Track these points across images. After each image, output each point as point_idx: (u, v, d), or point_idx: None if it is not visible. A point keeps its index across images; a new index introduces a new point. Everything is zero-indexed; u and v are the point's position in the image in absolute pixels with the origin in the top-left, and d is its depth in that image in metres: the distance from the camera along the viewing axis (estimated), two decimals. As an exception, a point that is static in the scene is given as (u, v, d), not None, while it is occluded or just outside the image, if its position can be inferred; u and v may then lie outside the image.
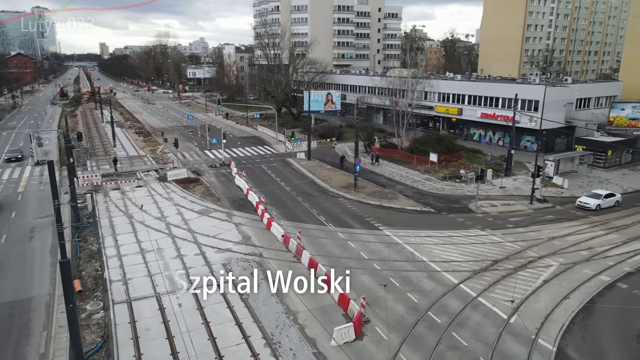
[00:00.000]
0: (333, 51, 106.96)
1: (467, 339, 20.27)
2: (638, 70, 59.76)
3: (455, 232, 32.68)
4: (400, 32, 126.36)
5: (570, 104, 55.75)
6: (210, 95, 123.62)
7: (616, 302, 23.55)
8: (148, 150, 61.10)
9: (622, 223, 34.65)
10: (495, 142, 60.83)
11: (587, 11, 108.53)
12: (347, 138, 67.01)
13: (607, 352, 19.62)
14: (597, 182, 45.50)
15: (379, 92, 76.38)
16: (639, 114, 53.72)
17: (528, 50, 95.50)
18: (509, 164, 47.35)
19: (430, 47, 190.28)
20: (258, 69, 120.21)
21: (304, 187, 43.85)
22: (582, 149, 50.82)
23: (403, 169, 49.98)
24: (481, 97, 60.14)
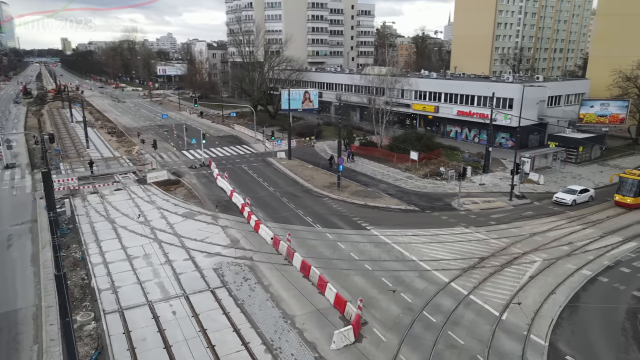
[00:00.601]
0: (307, 48, 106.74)
1: (463, 337, 20.76)
2: (604, 69, 61.95)
3: (441, 230, 33.30)
4: (373, 30, 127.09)
5: (543, 102, 57.48)
6: (182, 93, 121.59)
7: (599, 296, 24.55)
8: (123, 152, 59.61)
9: (597, 217, 36.06)
10: (471, 139, 62.14)
11: (552, 10, 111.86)
12: (326, 136, 67.22)
13: (596, 345, 20.44)
14: (570, 177, 47.13)
15: (356, 90, 76.93)
16: (606, 111, 55.87)
17: (498, 48, 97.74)
18: (487, 161, 48.48)
19: (401, 44, 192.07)
20: (232, 67, 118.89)
21: (287, 188, 43.75)
22: (554, 146, 52.54)
23: (384, 168, 50.49)
24: (457, 95, 61.27)
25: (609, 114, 55.76)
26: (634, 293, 24.83)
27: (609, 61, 61.69)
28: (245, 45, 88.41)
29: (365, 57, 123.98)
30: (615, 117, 55.82)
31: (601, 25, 66.47)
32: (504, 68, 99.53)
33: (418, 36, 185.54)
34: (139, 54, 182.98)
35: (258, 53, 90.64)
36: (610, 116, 55.77)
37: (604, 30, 65.34)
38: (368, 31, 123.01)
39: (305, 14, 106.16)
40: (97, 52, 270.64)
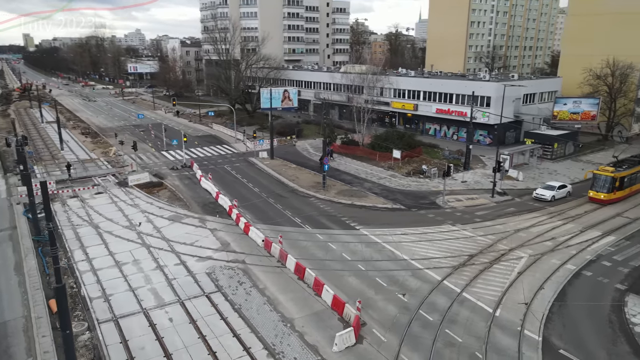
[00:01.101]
0: (284, 46, 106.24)
1: (461, 335, 21.25)
2: (575, 67, 64.03)
3: (429, 228, 33.87)
4: (348, 27, 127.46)
5: (518, 100, 58.98)
6: (155, 92, 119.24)
7: (585, 290, 25.50)
8: (100, 153, 58.12)
9: (575, 213, 37.34)
10: (450, 137, 63.26)
11: (522, 9, 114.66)
12: (307, 135, 67.22)
13: (586, 338, 21.23)
14: (546, 173, 48.61)
15: (335, 89, 77.19)
16: (579, 108, 57.80)
17: (472, 46, 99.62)
18: (468, 158, 49.46)
19: (375, 41, 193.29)
20: (206, 65, 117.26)
21: (272, 188, 43.60)
22: (531, 142, 54.03)
23: (367, 166, 50.88)
24: (436, 93, 62.21)
25: (581, 111, 57.71)
26: (617, 286, 25.89)
27: (580, 60, 63.79)
28: (222, 42, 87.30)
29: (341, 54, 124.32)
30: (587, 114, 57.80)
31: (571, 25, 68.60)
32: (478, 66, 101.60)
33: (391, 33, 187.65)
34: (109, 51, 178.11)
35: (235, 51, 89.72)
36: (582, 113, 57.73)
37: (574, 30, 67.46)
38: (343, 29, 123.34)
39: (281, 12, 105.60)
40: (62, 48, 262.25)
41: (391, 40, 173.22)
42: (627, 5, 61.82)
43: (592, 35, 64.22)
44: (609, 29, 62.67)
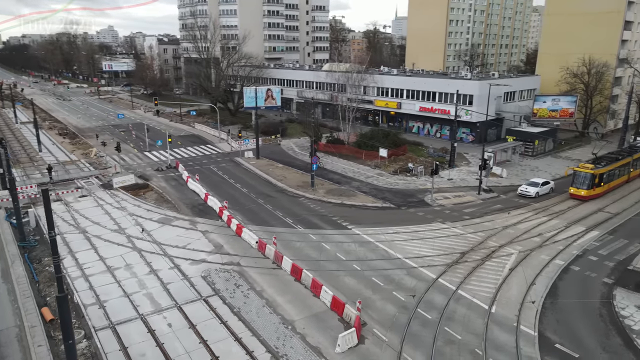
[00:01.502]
0: (264, 44, 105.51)
1: (460, 332, 21.63)
2: (553, 65, 65.63)
3: (420, 226, 34.28)
4: (327, 25, 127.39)
5: (500, 98, 60.08)
6: (132, 90, 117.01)
7: (575, 284, 26.26)
8: (80, 154, 56.77)
9: (559, 208, 38.34)
10: (433, 135, 64.05)
11: (499, 7, 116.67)
12: (291, 134, 67.06)
13: (579, 332, 21.88)
14: (528, 170, 49.74)
15: (318, 87, 77.21)
16: (557, 105, 59.27)
17: (451, 44, 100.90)
18: (452, 156, 50.19)
19: (353, 39, 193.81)
20: (185, 63, 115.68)
21: (261, 188, 43.41)
22: (512, 139, 55.18)
23: (354, 165, 51.11)
24: (419, 91, 62.85)
25: (559, 108, 59.20)
26: (604, 280, 26.74)
27: (557, 58, 65.41)
28: (202, 40, 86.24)
29: (321, 52, 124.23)
30: (565, 111, 59.34)
31: (549, 25, 70.14)
32: (457, 64, 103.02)
33: (370, 30, 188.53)
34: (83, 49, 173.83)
35: (215, 49, 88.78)
36: (560, 111, 59.24)
37: (551, 29, 69.00)
38: (323, 26, 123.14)
39: (261, 9, 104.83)
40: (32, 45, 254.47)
41: (370, 37, 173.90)
42: (599, 5, 63.54)
43: (568, 34, 65.79)
44: (584, 28, 64.32)
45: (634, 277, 26.94)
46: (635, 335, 21.48)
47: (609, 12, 63.16)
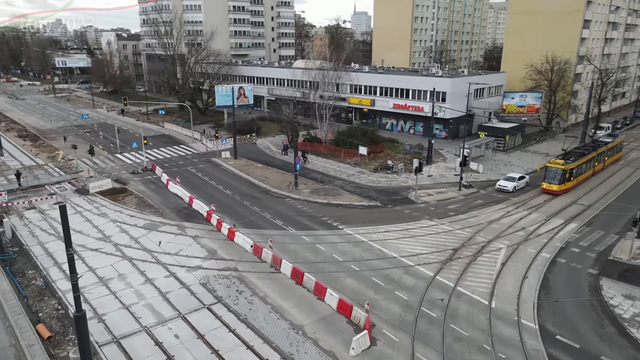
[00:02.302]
0: (230, 40, 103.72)
1: (465, 329, 22.27)
2: (517, 62, 68.02)
3: (409, 224, 34.90)
4: (293, 21, 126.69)
5: (470, 94, 61.69)
6: (91, 88, 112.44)
7: (563, 276, 27.53)
8: (46, 158, 54.12)
9: (537, 202, 39.97)
10: (407, 131, 65.13)
11: (460, 5, 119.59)
12: (266, 133, 66.48)
13: (576, 322, 22.99)
14: (502, 164, 51.51)
15: (290, 84, 76.82)
16: (524, 102, 61.59)
17: (417, 41, 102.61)
18: (430, 152, 51.26)
19: (316, 34, 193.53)
20: (148, 59, 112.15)
21: (244, 190, 42.89)
22: (484, 135, 56.89)
23: (334, 163, 51.28)
24: (393, 88, 63.66)
25: (526, 104, 61.55)
26: (590, 271, 28.18)
27: (521, 55, 67.79)
28: (168, 37, 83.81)
29: (287, 48, 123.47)
30: (532, 107, 61.76)
31: (512, 23, 72.61)
32: (423, 60, 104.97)
33: (332, 26, 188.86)
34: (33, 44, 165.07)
35: (181, 45, 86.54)
36: (527, 106, 61.60)
37: (515, 27, 71.43)
38: (288, 22, 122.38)
39: (226, 5, 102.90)
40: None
41: (333, 33, 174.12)
42: (560, 4, 66.29)
43: (531, 33, 68.26)
44: (546, 26, 66.92)
45: (616, 267, 28.52)
46: (627, 323, 22.80)
47: (569, 11, 66.01)
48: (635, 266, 28.70)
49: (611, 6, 73.72)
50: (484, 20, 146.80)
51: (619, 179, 47.13)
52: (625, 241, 31.91)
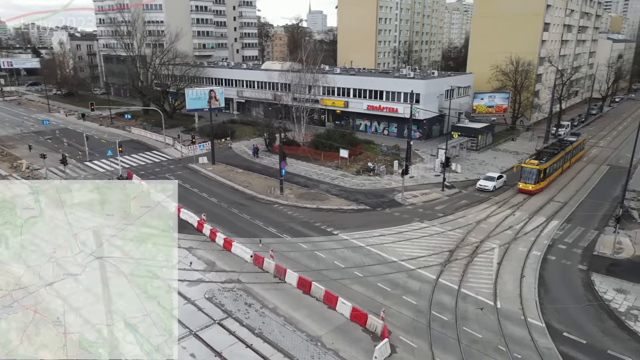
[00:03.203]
0: (193, 41, 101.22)
1: (478, 331, 22.85)
2: (483, 63, 70.36)
3: (401, 227, 35.36)
4: (255, 21, 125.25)
5: (442, 95, 63.32)
6: (45, 91, 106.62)
7: (557, 273, 28.76)
8: (7, 168, 50.92)
9: (517, 200, 41.51)
10: (381, 132, 65.93)
11: (420, 6, 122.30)
12: (240, 136, 65.47)
13: (578, 318, 24.10)
14: (477, 163, 53.13)
15: (260, 86, 76.02)
16: (493, 102, 63.80)
17: (381, 41, 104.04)
18: (409, 154, 52.08)
19: (275, 34, 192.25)
20: (106, 61, 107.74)
21: (230, 197, 42.06)
22: (457, 135, 58.46)
23: (314, 167, 51.17)
24: (367, 90, 64.24)
25: (495, 104, 63.76)
26: (579, 267, 29.59)
27: (487, 56, 70.14)
28: (128, 37, 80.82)
29: (250, 49, 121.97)
30: (500, 107, 64.07)
31: (477, 25, 75.04)
32: (387, 60, 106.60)
33: (293, 25, 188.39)
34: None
35: (143, 46, 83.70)
36: (496, 107, 63.82)
37: (480, 29, 73.90)
38: (251, 22, 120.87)
39: (189, 4, 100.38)
40: None
41: (294, 33, 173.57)
42: (522, 8, 69.12)
43: (495, 35, 70.84)
44: (509, 29, 69.62)
45: (602, 262, 30.10)
46: (624, 317, 24.13)
47: (530, 15, 68.93)
48: (619, 260, 30.41)
49: (566, 10, 77.59)
50: (440, 21, 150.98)
51: (586, 175, 49.70)
52: (605, 236, 33.79)
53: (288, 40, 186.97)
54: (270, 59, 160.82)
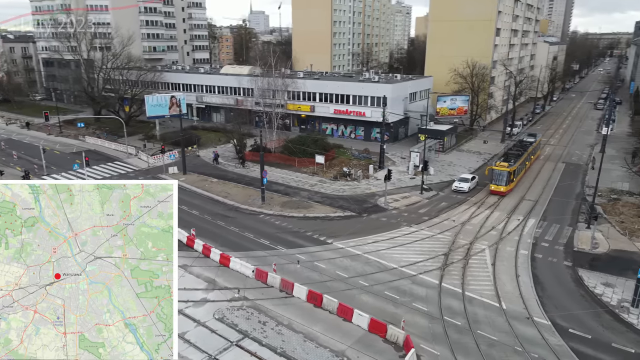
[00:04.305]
0: (142, 44, 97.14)
1: (492, 333, 23.64)
2: (440, 66, 72.85)
3: (392, 232, 35.87)
4: (205, 23, 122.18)
5: (407, 98, 64.87)
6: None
7: (547, 271, 30.31)
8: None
9: (492, 201, 43.28)
10: (347, 136, 66.48)
11: (370, 9, 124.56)
12: (205, 143, 63.66)
13: (577, 314, 25.53)
14: (446, 165, 54.90)
15: (221, 91, 74.40)
16: (455, 104, 66.20)
17: (336, 44, 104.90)
18: (382, 157, 52.98)
19: (222, 36, 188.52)
20: (45, 65, 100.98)
21: (211, 208, 40.81)
22: (424, 138, 59.99)
23: (290, 173, 50.72)
24: (333, 94, 64.52)
25: (456, 107, 66.17)
26: (565, 263, 31.37)
27: (444, 60, 72.67)
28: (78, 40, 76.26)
29: (200, 51, 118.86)
30: (461, 109, 66.61)
31: (434, 30, 77.53)
32: (342, 63, 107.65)
33: (240, 26, 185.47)
34: None
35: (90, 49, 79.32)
36: (457, 109, 66.27)
37: (436, 34, 76.43)
38: (201, 24, 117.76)
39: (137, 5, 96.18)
40: None
41: (242, 34, 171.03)
42: (475, 14, 72.16)
43: (451, 39, 73.51)
44: (464, 33, 72.46)
45: (584, 257, 32.05)
46: (617, 310, 25.83)
47: (483, 20, 72.13)
48: (598, 255, 32.54)
49: (513, 15, 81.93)
50: (387, 23, 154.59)
51: (547, 174, 52.70)
52: (580, 232, 36.07)
53: (234, 42, 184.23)
54: (218, 62, 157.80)
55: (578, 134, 75.85)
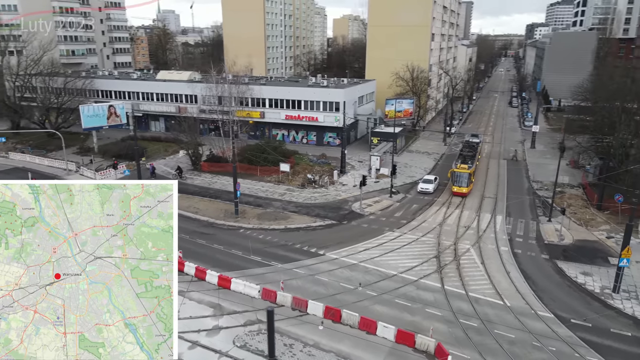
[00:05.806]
0: (59, 47, 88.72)
1: (508, 331, 24.85)
2: (381, 70, 75.05)
3: (378, 239, 36.29)
4: (126, 24, 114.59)
5: (356, 102, 65.97)
6: None
7: (531, 265, 32.45)
8: None
9: (458, 201, 45.41)
10: (299, 141, 66.10)
11: (299, 11, 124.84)
12: (153, 154, 59.88)
13: (572, 304, 27.62)
14: (403, 166, 56.61)
15: (160, 99, 70.54)
16: (401, 107, 68.47)
17: (270, 47, 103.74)
18: (343, 162, 53.39)
19: (138, 37, 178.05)
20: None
21: (185, 226, 38.37)
22: (377, 140, 61.60)
23: (255, 183, 49.37)
24: (284, 100, 63.78)
25: (403, 109, 68.49)
26: (543, 257, 33.82)
27: (383, 63, 74.97)
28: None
29: (122, 54, 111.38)
30: (407, 111, 69.08)
31: (372, 34, 79.52)
32: (276, 66, 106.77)
33: (156, 27, 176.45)
34: None
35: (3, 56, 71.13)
36: (404, 111, 68.63)
37: (375, 38, 78.48)
38: (121, 25, 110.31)
39: (50, 5, 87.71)
40: None
41: (160, 35, 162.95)
42: (412, 20, 75.17)
43: (389, 43, 75.96)
44: (402, 38, 75.21)
45: (556, 250, 34.76)
46: (603, 297, 28.38)
47: (419, 26, 75.37)
48: (566, 246, 35.47)
49: (442, 21, 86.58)
50: (311, 25, 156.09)
51: (495, 171, 56.40)
52: (543, 226, 39.11)
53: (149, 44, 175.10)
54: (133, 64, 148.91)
55: (506, 131, 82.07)
